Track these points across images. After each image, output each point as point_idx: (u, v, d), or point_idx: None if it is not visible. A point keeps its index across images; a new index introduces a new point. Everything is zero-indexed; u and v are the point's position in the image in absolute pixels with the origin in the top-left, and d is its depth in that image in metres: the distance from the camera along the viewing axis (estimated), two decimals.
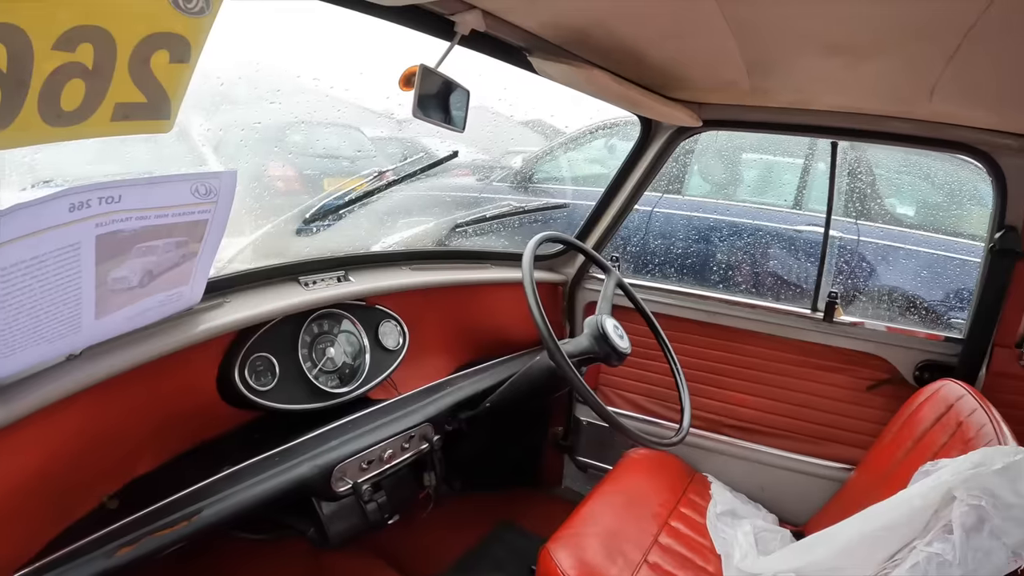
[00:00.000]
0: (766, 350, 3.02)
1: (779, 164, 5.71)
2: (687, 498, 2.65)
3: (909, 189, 5.53)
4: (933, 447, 2.10)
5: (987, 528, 1.56)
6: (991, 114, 2.38)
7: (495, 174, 5.92)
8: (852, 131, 2.70)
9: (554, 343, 2.04)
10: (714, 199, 5.72)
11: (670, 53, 2.18)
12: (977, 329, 2.66)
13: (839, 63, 2.05)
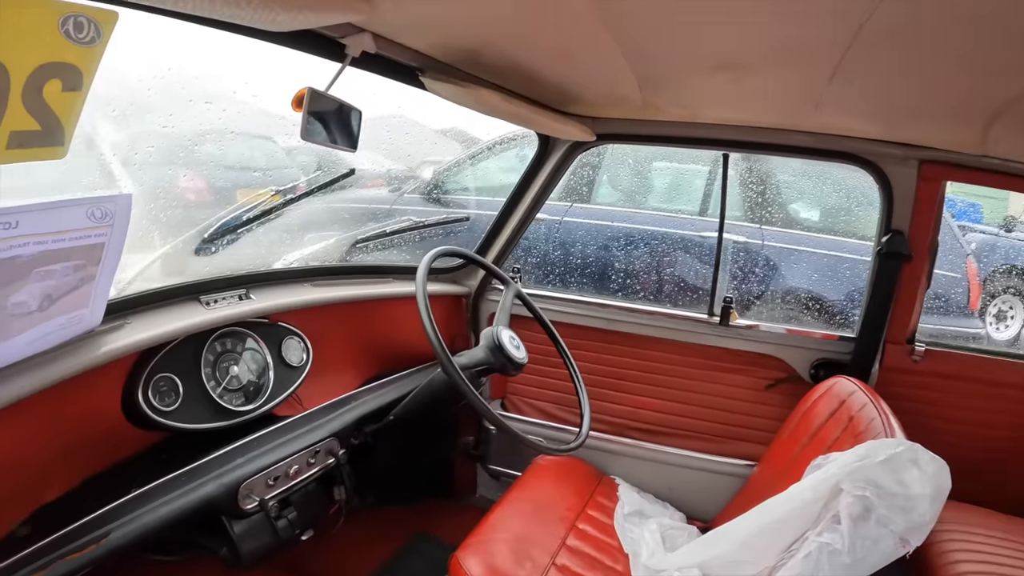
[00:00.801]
0: (667, 354, 3.11)
1: (687, 172, 5.83)
2: (595, 500, 2.70)
3: (811, 194, 5.71)
4: (827, 441, 2.19)
5: (873, 517, 1.64)
6: (875, 125, 2.51)
7: (408, 185, 5.88)
8: (742, 143, 2.83)
9: (446, 356, 2.07)
10: (623, 207, 5.81)
11: (562, 71, 2.24)
12: (868, 328, 2.81)
13: (726, 78, 2.13)
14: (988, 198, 10.65)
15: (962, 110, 2.20)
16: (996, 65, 1.74)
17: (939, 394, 2.88)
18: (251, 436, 2.09)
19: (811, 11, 1.48)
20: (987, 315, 7.52)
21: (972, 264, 5.91)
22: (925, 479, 1.67)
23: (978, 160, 2.58)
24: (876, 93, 2.12)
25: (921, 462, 1.70)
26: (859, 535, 1.65)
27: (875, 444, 1.80)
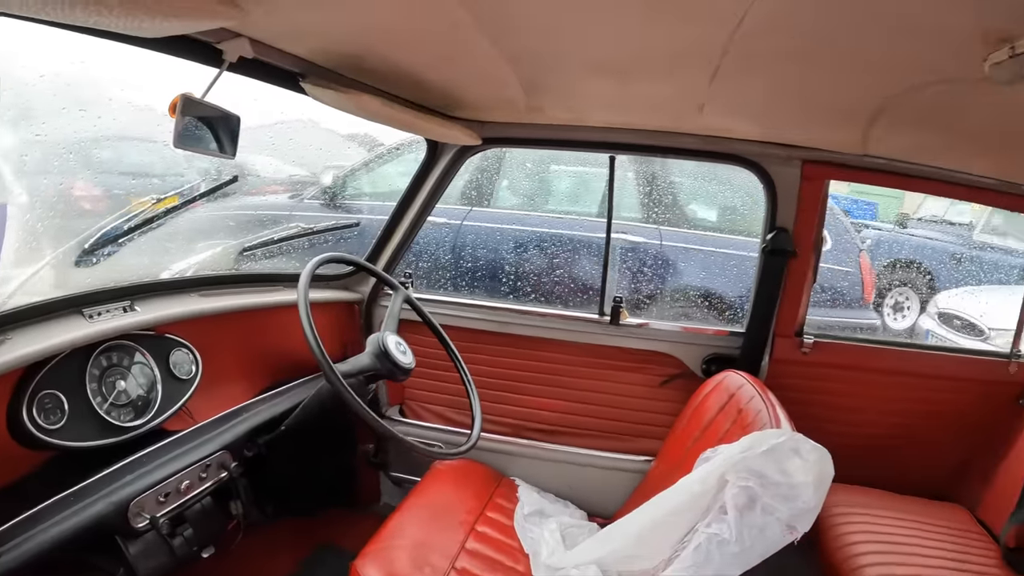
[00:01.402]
0: (561, 355, 3.14)
1: (588, 175, 5.89)
2: (494, 502, 2.71)
3: (710, 194, 5.82)
4: (718, 433, 2.24)
5: (759, 506, 1.68)
6: (758, 126, 2.58)
7: (308, 191, 5.80)
8: (628, 145, 2.90)
9: (328, 364, 2.05)
10: (524, 211, 5.84)
11: (447, 76, 2.25)
12: (756, 322, 2.90)
13: (609, 82, 2.17)
14: (884, 197, 11.01)
15: (843, 111, 2.27)
16: (875, 66, 1.78)
17: (829, 383, 2.99)
18: (140, 452, 2.02)
19: (686, 13, 1.50)
20: (885, 306, 7.82)
21: (865, 259, 6.12)
22: (807, 467, 1.72)
23: (859, 159, 2.68)
24: (757, 95, 2.17)
25: (802, 451, 1.75)
26: (746, 524, 1.68)
27: (759, 435, 1.84)
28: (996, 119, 2.14)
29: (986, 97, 1.89)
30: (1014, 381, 3.02)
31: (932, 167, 2.75)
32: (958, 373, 3.04)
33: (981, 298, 7.06)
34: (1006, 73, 1.53)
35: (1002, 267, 8.18)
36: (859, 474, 3.01)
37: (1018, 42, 1.41)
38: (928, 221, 10.01)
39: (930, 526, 2.77)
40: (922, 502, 2.99)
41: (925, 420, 3.09)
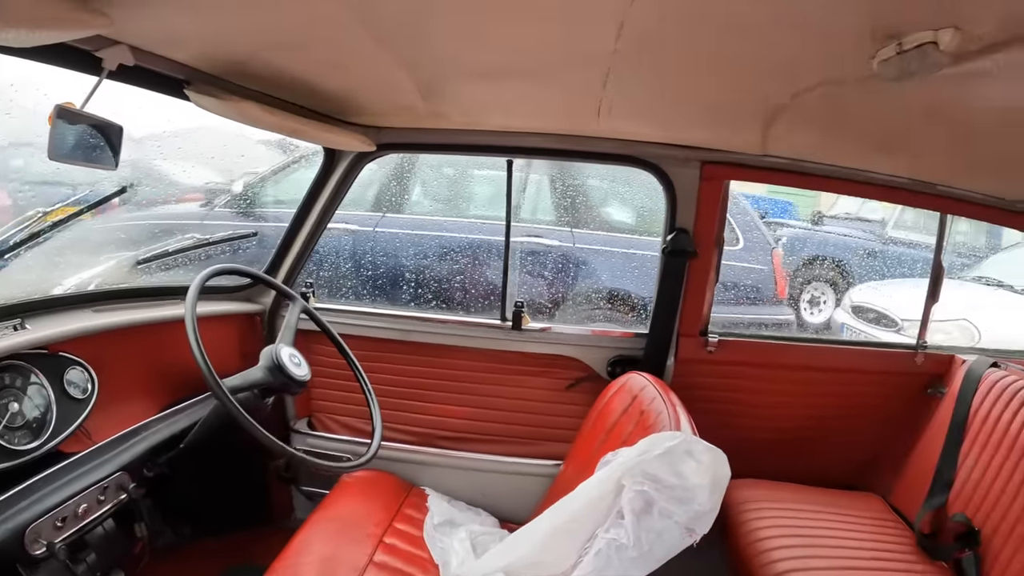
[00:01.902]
0: (467, 362, 3.12)
1: (500, 178, 5.86)
2: (403, 513, 2.66)
3: (623, 197, 5.86)
4: (622, 436, 2.23)
5: (655, 510, 1.67)
6: (656, 128, 2.59)
7: (220, 199, 5.67)
8: (527, 149, 2.89)
9: (213, 379, 2.00)
10: (436, 216, 5.83)
11: (340, 82, 2.21)
12: (659, 323, 2.91)
13: (505, 87, 2.16)
14: (800, 196, 11.30)
15: (742, 112, 2.28)
16: (770, 67, 1.79)
17: (736, 381, 3.02)
18: (35, 477, 1.93)
19: (569, 13, 1.49)
20: (801, 302, 8.00)
21: (778, 256, 6.24)
22: (702, 469, 1.71)
23: (759, 159, 2.72)
24: (654, 97, 2.18)
25: (696, 453, 1.74)
26: (643, 528, 1.67)
27: (655, 438, 1.83)
28: (889, 117, 2.17)
29: (878, 95, 1.91)
30: (921, 372, 3.11)
31: (834, 166, 2.80)
32: (867, 366, 3.12)
33: (893, 291, 7.27)
34: (893, 70, 1.54)
35: (912, 261, 8.43)
36: (771, 469, 3.05)
37: (905, 39, 1.42)
38: (842, 218, 10.31)
39: (844, 516, 2.81)
40: (836, 493, 3.04)
41: (836, 413, 3.15)
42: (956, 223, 9.84)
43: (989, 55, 1.46)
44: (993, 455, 2.65)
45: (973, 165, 2.65)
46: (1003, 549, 2.45)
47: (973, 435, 2.78)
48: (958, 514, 2.64)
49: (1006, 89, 1.75)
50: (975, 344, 5.16)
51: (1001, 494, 2.54)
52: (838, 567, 2.48)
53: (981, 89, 1.76)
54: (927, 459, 2.89)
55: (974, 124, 2.13)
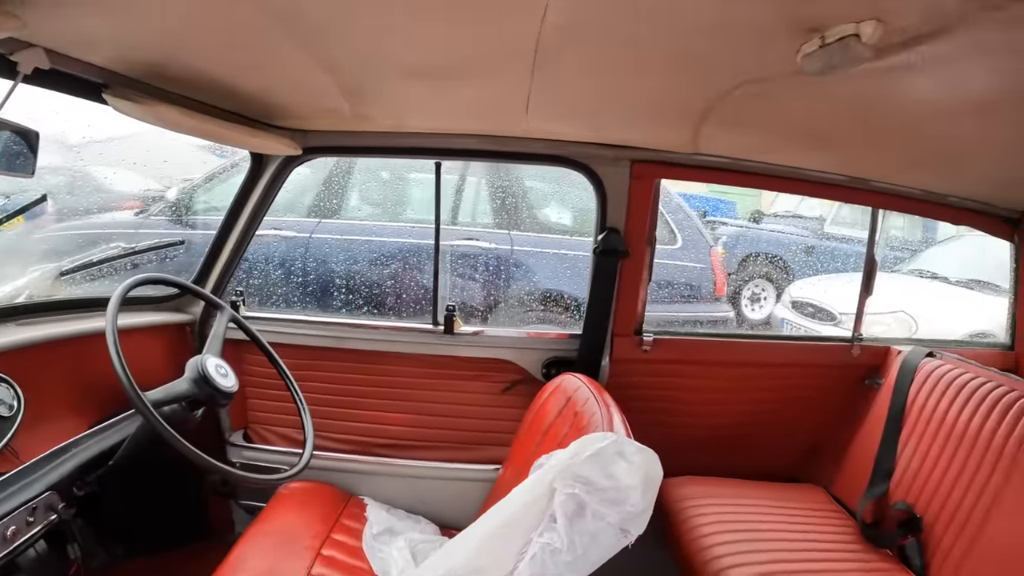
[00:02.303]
0: (401, 368, 3.08)
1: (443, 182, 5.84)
2: (341, 524, 2.62)
3: (561, 198, 5.87)
4: (558, 437, 2.21)
5: (588, 512, 1.65)
6: (585, 128, 2.59)
7: (156, 206, 5.56)
8: (455, 151, 2.87)
9: (134, 392, 1.94)
10: (374, 221, 5.77)
11: (260, 84, 2.17)
12: (592, 323, 2.90)
13: (430, 87, 2.14)
14: (740, 195, 11.49)
15: (672, 111, 2.30)
16: (698, 66, 1.79)
17: (672, 379, 3.03)
18: None
19: (489, 10, 1.48)
20: (742, 298, 8.12)
21: (716, 254, 6.31)
22: (633, 470, 1.70)
23: (690, 158, 2.74)
24: (579, 95, 2.17)
25: (627, 454, 1.73)
26: (576, 531, 1.65)
27: (586, 440, 1.81)
28: (820, 114, 2.20)
29: (807, 92, 1.93)
30: (858, 364, 3.17)
31: (768, 164, 2.82)
32: (804, 360, 3.16)
33: (830, 285, 7.40)
34: (817, 64, 1.55)
35: (849, 256, 8.59)
36: (711, 465, 3.07)
37: (828, 32, 1.44)
38: (781, 216, 10.50)
39: (786, 508, 2.85)
40: (777, 486, 3.08)
41: (775, 407, 3.19)
42: (892, 218, 10.09)
43: (913, 48, 1.47)
44: (931, 443, 2.71)
45: (906, 161, 2.70)
46: (945, 534, 2.50)
47: (911, 424, 2.84)
48: (899, 502, 2.70)
49: (932, 83, 1.77)
50: (912, 335, 5.24)
51: (941, 481, 2.60)
52: (780, 559, 2.50)
53: (908, 84, 1.78)
54: (867, 449, 2.95)
55: (904, 120, 2.16)
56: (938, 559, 2.51)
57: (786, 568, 2.46)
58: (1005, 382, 2.65)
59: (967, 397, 2.69)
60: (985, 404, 2.62)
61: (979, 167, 2.68)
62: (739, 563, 2.45)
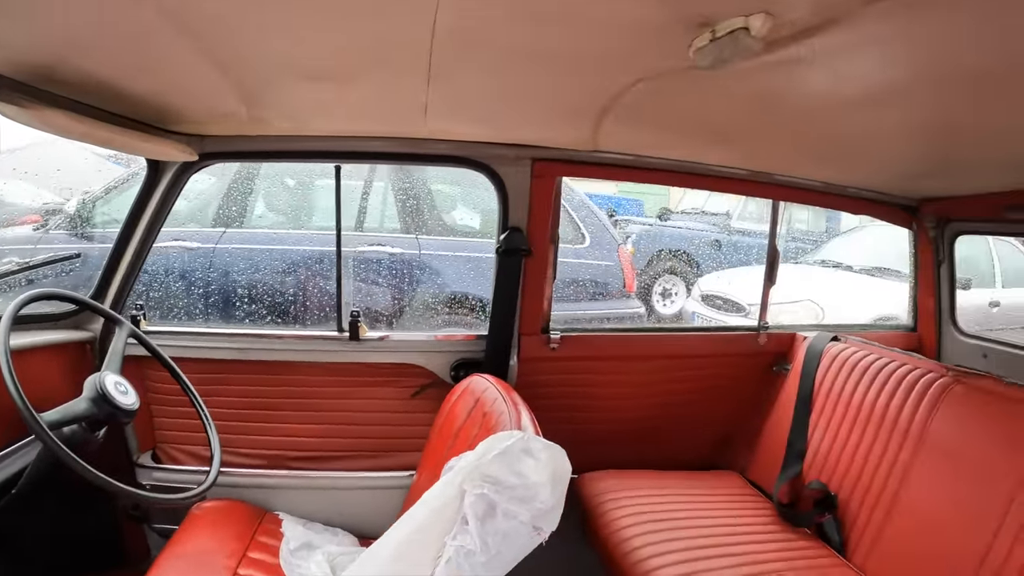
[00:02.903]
0: (309, 377, 3.01)
1: (346, 188, 5.78)
2: (257, 541, 2.56)
3: (471, 200, 5.87)
4: (468, 439, 2.20)
5: (499, 512, 1.64)
6: (485, 128, 2.59)
7: (56, 219, 5.39)
8: (355, 154, 2.84)
9: (29, 414, 1.88)
10: (280, 229, 5.68)
11: (153, 87, 2.11)
12: (497, 323, 2.90)
13: (327, 89, 2.11)
14: (650, 194, 11.69)
15: (571, 109, 2.32)
16: (594, 64, 1.80)
17: (582, 376, 3.06)
18: None
19: (382, 8, 1.47)
20: (654, 294, 8.26)
21: (624, 252, 6.39)
22: (540, 466, 1.70)
23: (589, 155, 2.76)
24: (477, 94, 2.17)
25: (534, 451, 1.73)
26: (488, 532, 1.64)
27: (492, 439, 1.80)
28: (718, 110, 2.24)
29: (703, 87, 1.96)
30: (765, 351, 3.28)
31: (668, 159, 2.86)
32: (712, 350, 3.24)
33: (738, 278, 7.58)
34: (709, 57, 1.57)
35: (755, 248, 8.82)
36: (627, 458, 3.11)
37: (718, 26, 1.46)
38: (690, 213, 10.73)
39: (703, 495, 2.91)
40: (694, 474, 3.14)
41: (687, 398, 3.25)
42: (797, 212, 10.39)
43: (803, 41, 1.50)
44: (840, 423, 2.84)
45: (805, 154, 2.78)
46: (860, 510, 2.62)
47: (820, 406, 2.96)
48: (814, 481, 2.81)
49: (824, 76, 1.82)
50: (819, 322, 5.39)
51: (852, 458, 2.72)
52: (700, 546, 2.54)
53: (801, 77, 1.82)
54: (779, 433, 3.06)
55: (799, 113, 2.21)
56: (856, 534, 2.61)
57: (706, 554, 2.51)
58: (908, 361, 2.76)
59: (872, 377, 2.80)
60: (890, 383, 2.73)
61: (877, 159, 2.77)
62: (658, 552, 2.48)
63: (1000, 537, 2.20)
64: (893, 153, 2.73)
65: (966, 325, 3.56)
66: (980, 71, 1.72)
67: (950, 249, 3.45)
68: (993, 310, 7.60)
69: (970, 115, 2.16)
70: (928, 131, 2.41)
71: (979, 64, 1.67)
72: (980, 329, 3.50)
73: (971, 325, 3.57)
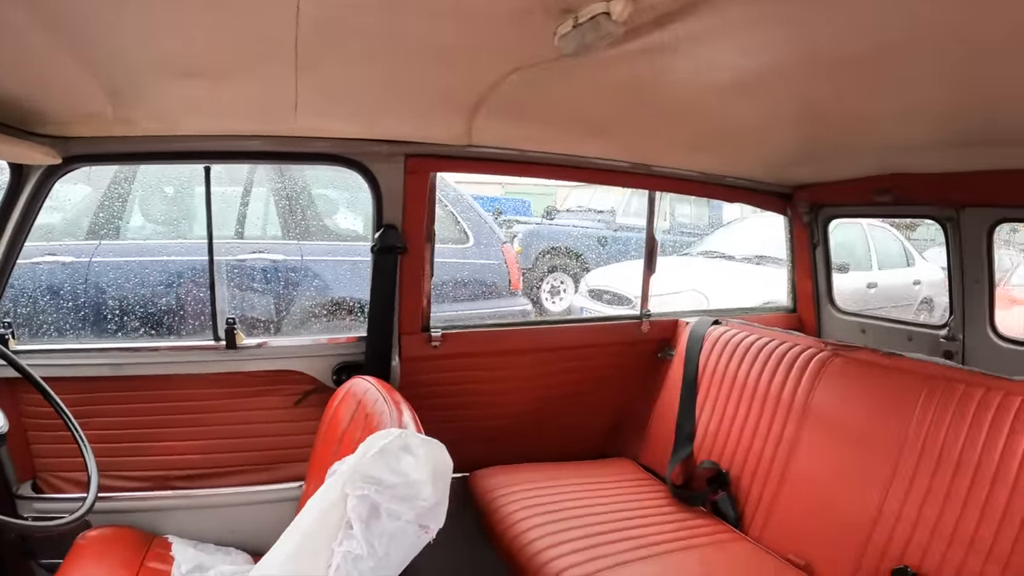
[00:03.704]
0: (188, 391, 2.89)
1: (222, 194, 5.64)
2: (146, 568, 2.46)
3: (350, 203, 5.82)
4: (352, 443, 2.14)
5: (383, 513, 1.62)
6: (357, 124, 2.56)
7: None
8: (224, 154, 2.75)
9: None
10: (156, 240, 5.50)
11: (11, 86, 2.00)
12: (376, 324, 2.86)
13: (196, 86, 2.05)
14: (536, 193, 11.82)
15: (444, 104, 2.32)
16: (464, 58, 1.81)
17: (466, 372, 3.06)
18: None
19: (241, 3, 1.47)
20: (543, 291, 8.37)
21: (509, 250, 6.44)
22: (420, 463, 1.68)
23: (463, 150, 2.75)
24: (347, 89, 2.15)
25: (412, 447, 1.71)
26: (374, 534, 1.61)
27: (370, 439, 1.78)
28: (591, 101, 2.26)
29: (575, 79, 1.98)
30: (649, 339, 3.37)
31: (545, 152, 2.87)
32: (597, 340, 3.29)
33: (623, 272, 7.73)
34: (572, 44, 1.58)
35: (640, 243, 9.04)
36: (520, 452, 3.14)
37: (580, 11, 1.48)
38: (575, 211, 10.90)
39: (597, 483, 2.95)
40: (587, 464, 3.20)
41: (575, 389, 3.30)
42: (680, 206, 10.66)
43: (666, 26, 1.52)
44: (727, 402, 2.95)
45: (682, 144, 2.86)
46: (752, 484, 2.73)
47: (705, 388, 3.07)
48: (705, 461, 2.91)
49: (691, 64, 1.86)
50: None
51: (740, 436, 2.84)
52: (596, 532, 2.57)
53: (669, 65, 1.86)
54: (668, 417, 3.15)
55: (671, 103, 2.26)
56: (750, 508, 2.72)
57: (603, 540, 2.53)
58: (788, 339, 2.86)
59: (754, 356, 2.91)
60: (771, 361, 2.84)
61: (750, 148, 2.87)
62: (555, 543, 2.49)
63: (889, 499, 2.32)
64: (765, 142, 2.83)
65: (845, 305, 3.75)
66: (841, 57, 1.78)
67: (824, 233, 3.61)
68: (871, 291, 8.02)
69: (834, 102, 2.25)
70: (796, 119, 2.50)
71: (840, 50, 1.74)
72: (859, 308, 3.69)
73: (851, 305, 3.79)
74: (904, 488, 2.30)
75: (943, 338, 3.34)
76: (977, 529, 2.10)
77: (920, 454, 2.30)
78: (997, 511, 2.07)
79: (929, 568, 2.18)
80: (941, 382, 2.38)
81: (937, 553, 2.18)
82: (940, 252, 3.28)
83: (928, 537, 2.21)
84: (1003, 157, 2.67)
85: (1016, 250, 8.61)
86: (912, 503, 2.27)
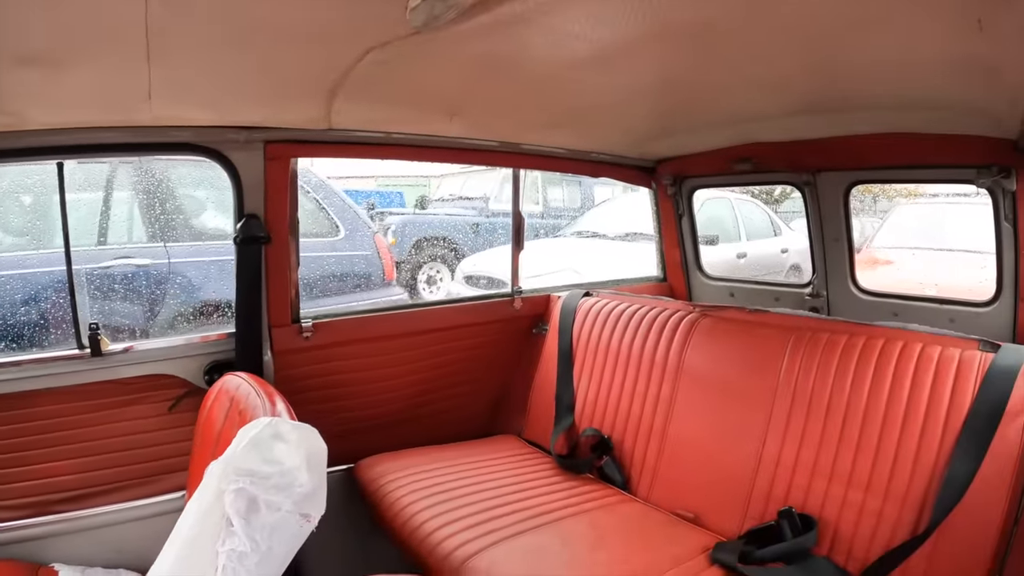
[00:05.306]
0: (56, 406, 2.71)
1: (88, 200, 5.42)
2: None
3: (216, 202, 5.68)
4: (229, 443, 2.09)
5: (261, 505, 1.58)
6: (212, 111, 2.48)
7: None
8: (76, 148, 2.57)
9: None
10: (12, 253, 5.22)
11: None
12: (244, 318, 2.78)
13: (40, 74, 1.94)
14: (408, 186, 11.80)
15: (301, 88, 2.29)
16: (317, 39, 1.79)
17: (342, 362, 3.02)
18: None
19: None
20: (419, 281, 8.38)
21: (381, 241, 6.42)
22: (292, 449, 1.65)
23: (324, 134, 2.70)
24: (201, 74, 2.09)
25: (283, 433, 1.68)
26: (255, 529, 1.57)
27: (241, 432, 1.73)
28: (449, 80, 2.27)
29: (431, 56, 1.97)
30: (522, 315, 3.44)
31: (407, 134, 2.86)
32: (470, 320, 3.32)
33: (497, 256, 7.80)
34: (422, 15, 1.58)
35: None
36: (405, 439, 3.15)
37: None
38: (448, 200, 10.95)
39: (483, 462, 2.98)
40: (472, 443, 3.23)
41: (453, 369, 3.33)
42: (552, 189, 10.80)
43: None
44: (602, 370, 3.03)
45: (544, 122, 2.89)
46: (635, 447, 2.82)
47: (581, 358, 3.13)
48: (588, 429, 2.99)
49: (547, 38, 1.87)
50: None
51: (619, 401, 2.93)
52: (485, 508, 2.59)
53: (525, 39, 1.87)
54: (547, 390, 3.22)
55: (530, 79, 2.28)
56: (635, 470, 2.80)
57: (492, 514, 2.55)
58: (657, 304, 2.96)
59: (626, 323, 3.00)
60: (643, 326, 2.93)
61: (610, 122, 2.93)
62: (445, 523, 2.49)
63: (768, 446, 2.42)
64: (624, 116, 2.89)
65: (716, 274, 3.92)
66: (691, 24, 1.81)
67: (689, 203, 3.74)
68: (741, 261, 8.36)
69: (688, 72, 2.31)
70: (653, 92, 2.56)
71: (688, 15, 1.76)
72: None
73: (723, 275, 3.96)
74: (780, 434, 2.40)
75: (808, 295, 3.50)
76: (854, 465, 2.21)
77: (792, 401, 2.41)
78: (870, 446, 2.19)
79: (814, 506, 2.28)
80: (806, 332, 2.50)
81: (819, 491, 2.28)
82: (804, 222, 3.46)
83: (808, 478, 2.31)
84: (851, 123, 2.82)
85: (877, 218, 9.11)
86: (789, 448, 2.37)
